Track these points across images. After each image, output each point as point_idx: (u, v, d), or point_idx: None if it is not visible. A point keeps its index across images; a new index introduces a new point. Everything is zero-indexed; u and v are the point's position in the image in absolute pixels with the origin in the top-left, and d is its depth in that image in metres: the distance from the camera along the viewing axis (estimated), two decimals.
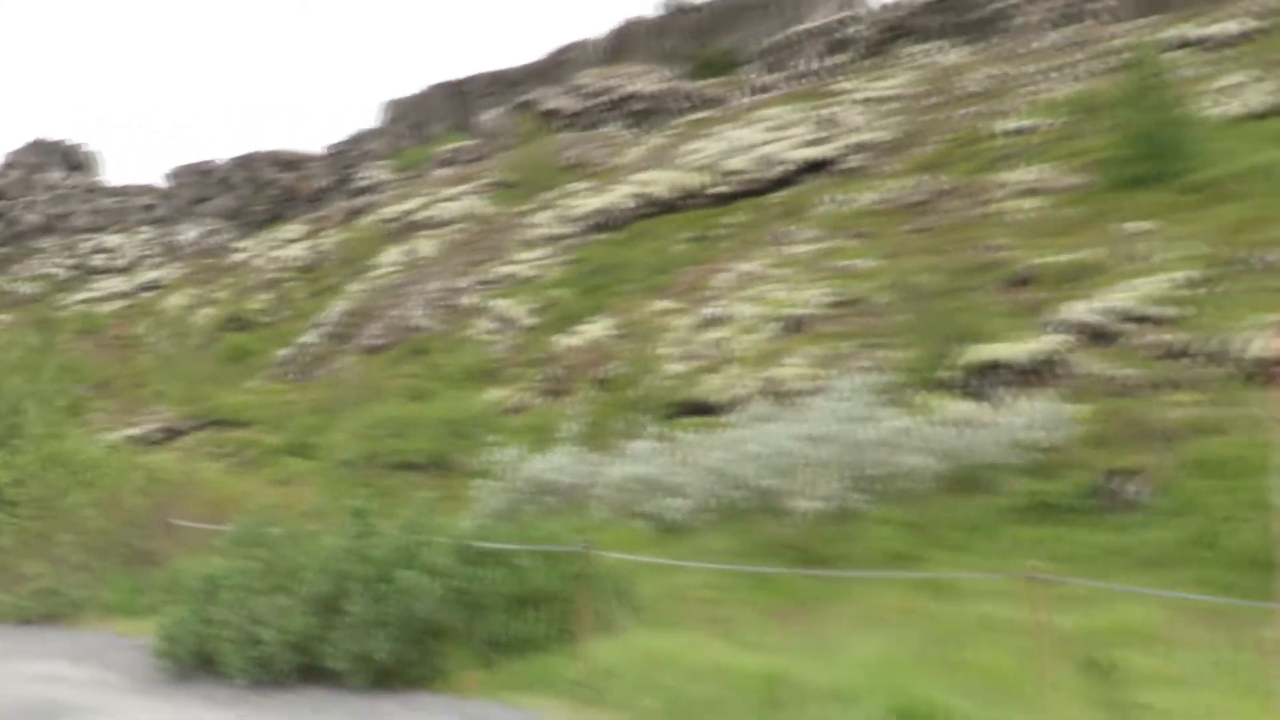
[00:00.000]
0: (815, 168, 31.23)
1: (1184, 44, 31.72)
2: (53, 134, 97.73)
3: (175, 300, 44.52)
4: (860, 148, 31.39)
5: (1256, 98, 28.74)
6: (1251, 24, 33.87)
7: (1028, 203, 25.18)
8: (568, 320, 27.61)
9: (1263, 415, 12.95)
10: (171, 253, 58.19)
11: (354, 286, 36.20)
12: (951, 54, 37.71)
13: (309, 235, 46.94)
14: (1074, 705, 7.73)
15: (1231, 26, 33.26)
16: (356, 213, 47.55)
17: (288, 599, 10.40)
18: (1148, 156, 24.22)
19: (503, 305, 30.05)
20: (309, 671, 10.19)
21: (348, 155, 63.60)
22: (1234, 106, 27.92)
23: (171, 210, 66.44)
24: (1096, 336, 19.52)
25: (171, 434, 29.81)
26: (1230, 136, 25.63)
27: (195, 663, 11.11)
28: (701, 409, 20.35)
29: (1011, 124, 29.67)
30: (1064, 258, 21.48)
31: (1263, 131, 26.30)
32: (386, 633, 9.84)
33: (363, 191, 52.17)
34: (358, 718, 9.08)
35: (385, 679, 9.88)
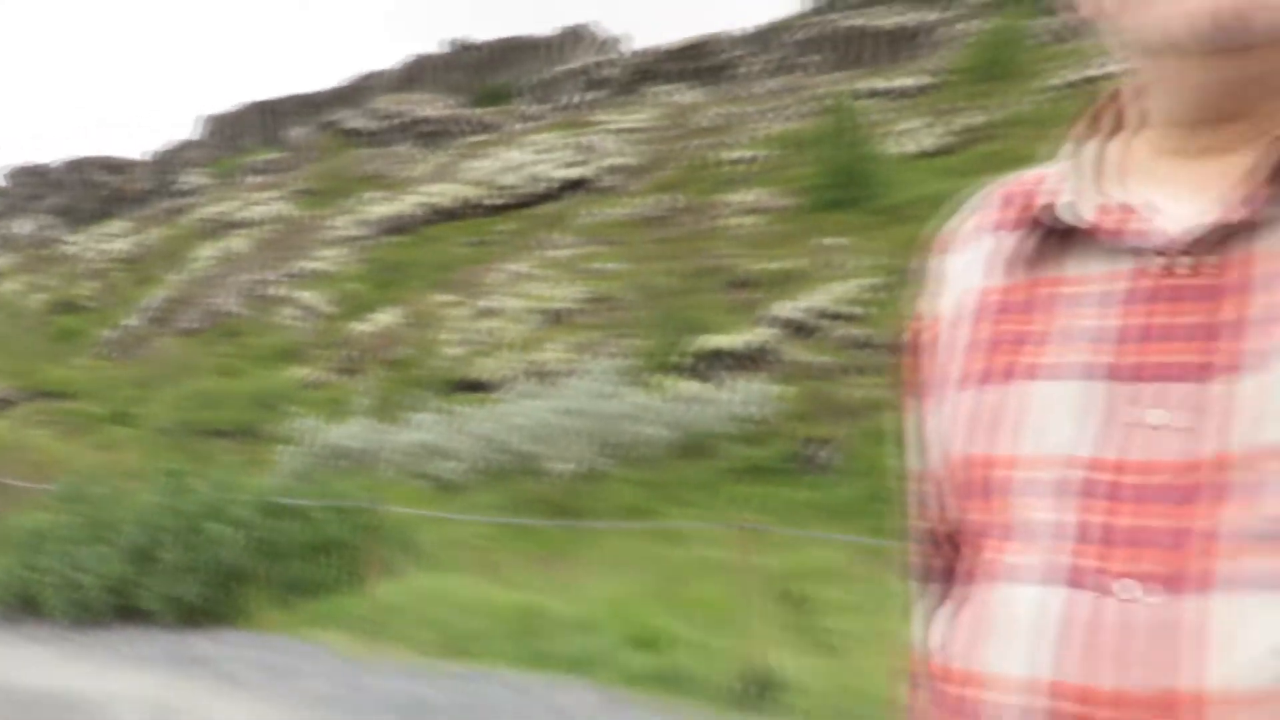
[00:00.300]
0: (574, 185, 31.72)
1: (873, 94, 33.26)
2: None
3: (8, 286, 43.01)
4: (612, 170, 32.00)
5: (929, 139, 30.61)
6: (926, 80, 36.02)
7: (747, 219, 26.12)
8: (362, 309, 27.54)
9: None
10: (6, 245, 55.96)
11: (173, 277, 35.46)
12: (688, 95, 38.72)
13: (134, 231, 45.54)
14: (773, 630, 7.93)
15: (910, 81, 35.24)
16: (177, 212, 46.36)
17: (107, 548, 10.19)
18: (842, 185, 25.32)
19: (306, 295, 29.74)
20: (126, 612, 10.01)
21: (170, 163, 61.98)
22: (911, 146, 29.63)
23: (6, 207, 63.93)
24: (800, 330, 20.49)
25: (2, 404, 28.91)
26: (908, 170, 27.04)
27: (20, 606, 10.83)
28: (475, 386, 20.66)
29: (736, 154, 30.65)
30: (775, 265, 22.39)
31: (933, 166, 27.97)
32: (195, 577, 9.73)
33: (183, 194, 50.72)
34: (167, 650, 8.98)
35: (194, 618, 9.74)
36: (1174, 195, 1.00)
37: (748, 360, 18.63)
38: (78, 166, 63.85)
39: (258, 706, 6.97)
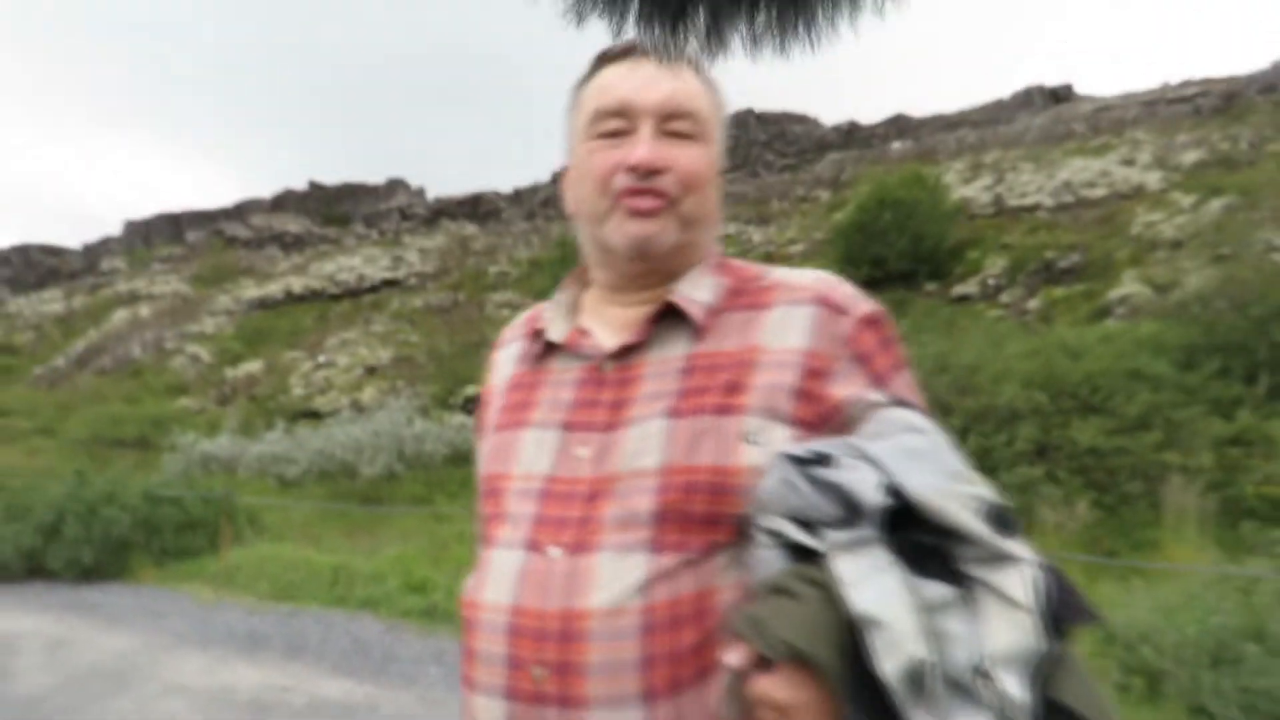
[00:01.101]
0: (390, 284, 31.04)
1: None
2: None
3: None
4: (416, 274, 31.53)
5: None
6: None
7: (504, 310, 26.25)
8: (234, 360, 25.93)
9: None
10: None
11: (93, 332, 32.09)
12: (469, 229, 38.58)
13: (65, 298, 40.86)
14: None
15: None
16: (99, 287, 41.93)
17: (22, 526, 9.23)
18: None
19: (193, 349, 27.75)
20: (36, 572, 9.10)
21: (96, 251, 56.26)
22: None
23: None
24: None
25: None
26: None
27: None
28: (313, 414, 19.84)
29: (498, 269, 30.78)
30: None
31: None
32: (91, 547, 8.95)
33: (105, 274, 46.08)
34: (66, 600, 8.18)
35: (89, 576, 8.97)
36: (606, 326, 1.10)
37: None
38: (23, 250, 57.03)
39: (132, 639, 6.50)
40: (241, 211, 49.19)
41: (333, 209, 48.30)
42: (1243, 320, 9.46)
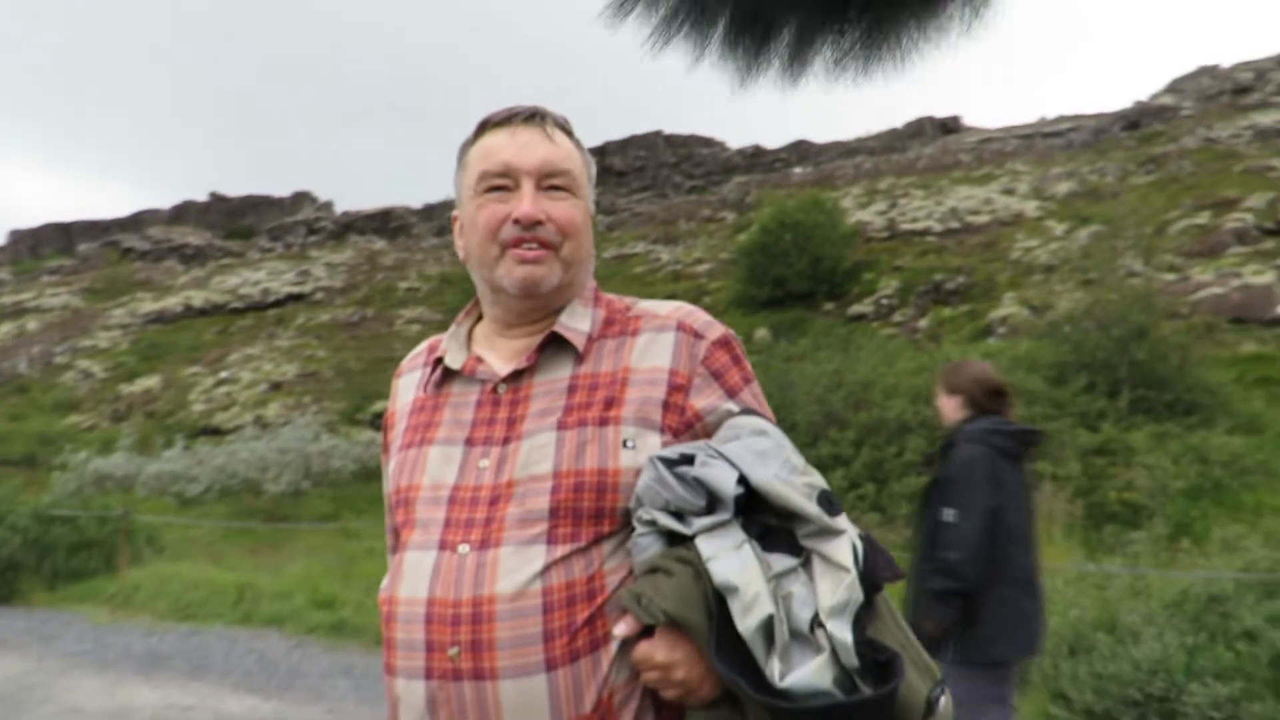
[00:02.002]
0: (296, 298, 30.24)
1: None
2: None
3: None
4: (324, 289, 30.82)
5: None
6: None
7: (413, 326, 25.89)
8: (130, 375, 24.77)
9: None
10: None
11: None
12: (378, 243, 37.91)
13: None
14: None
15: None
16: None
17: None
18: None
19: (85, 364, 26.45)
20: None
21: None
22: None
23: None
24: None
25: None
26: None
27: None
28: (215, 431, 19.21)
29: (407, 284, 30.35)
30: None
31: None
32: None
33: None
34: None
35: None
36: (498, 354, 1.22)
37: None
38: None
39: (24, 662, 6.19)
40: (138, 222, 47.12)
41: (236, 221, 46.73)
42: (1107, 340, 10.17)
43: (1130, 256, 14.06)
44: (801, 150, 41.05)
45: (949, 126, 38.29)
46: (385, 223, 38.65)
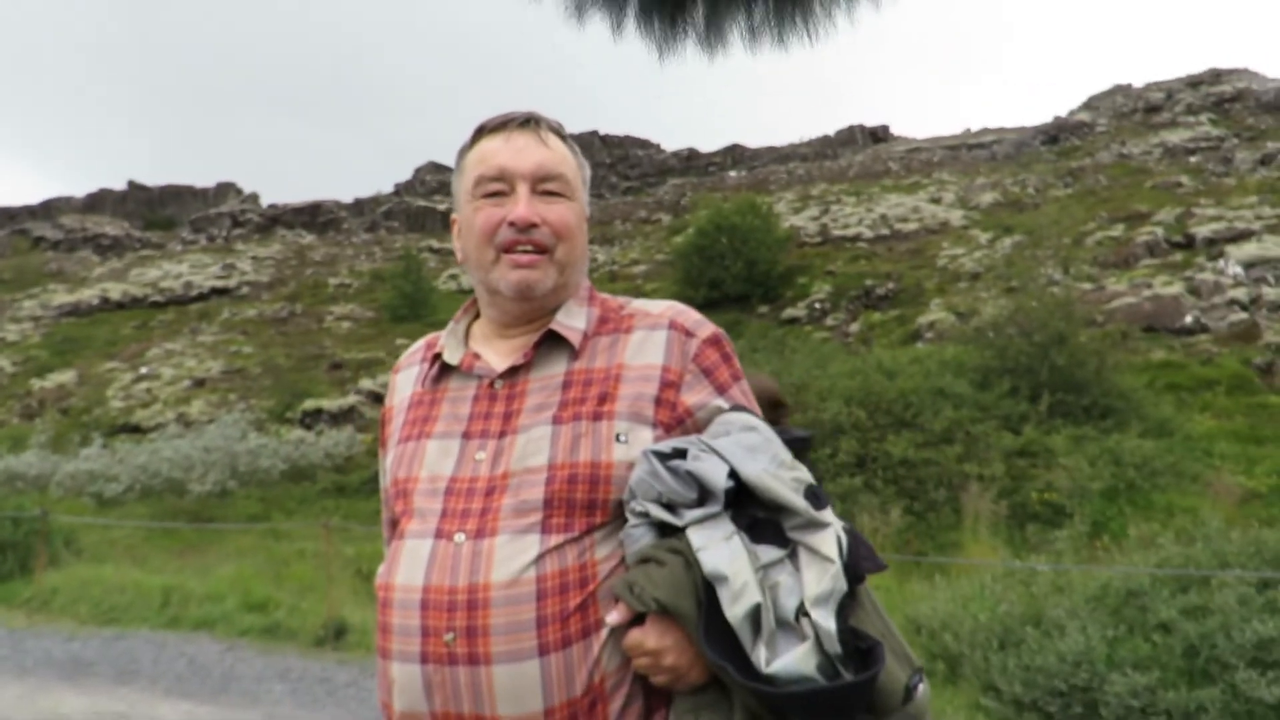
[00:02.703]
0: (220, 292, 29.31)
1: (431, 250, 32.81)
2: None
3: None
4: (250, 284, 29.94)
5: (467, 282, 30.86)
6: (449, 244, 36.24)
7: (344, 323, 25.33)
8: (42, 370, 23.70)
9: None
10: None
11: None
12: (307, 238, 36.97)
13: None
14: (348, 595, 7.51)
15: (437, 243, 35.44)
16: None
17: None
18: (408, 306, 24.94)
19: None
20: None
21: None
22: (452, 285, 29.54)
23: None
24: (377, 397, 19.97)
25: None
26: (448, 300, 26.88)
27: None
28: (135, 429, 18.50)
29: (337, 280, 29.70)
30: (362, 355, 21.77)
31: (461, 299, 28.19)
32: None
33: None
34: None
35: None
36: (495, 351, 1.25)
37: (340, 417, 17.98)
38: None
39: None
40: (50, 210, 45.02)
41: (156, 212, 45.03)
42: (1029, 345, 10.55)
43: (1050, 265, 14.62)
44: (736, 154, 41.52)
45: (878, 135, 39.17)
46: (314, 216, 37.73)
